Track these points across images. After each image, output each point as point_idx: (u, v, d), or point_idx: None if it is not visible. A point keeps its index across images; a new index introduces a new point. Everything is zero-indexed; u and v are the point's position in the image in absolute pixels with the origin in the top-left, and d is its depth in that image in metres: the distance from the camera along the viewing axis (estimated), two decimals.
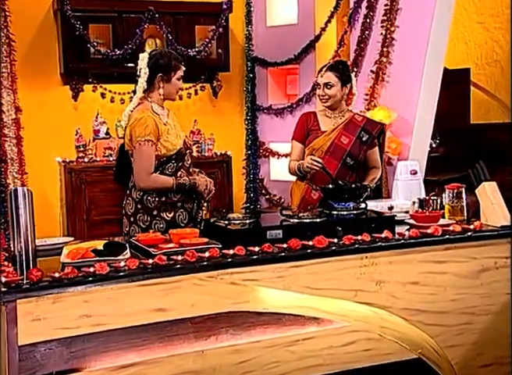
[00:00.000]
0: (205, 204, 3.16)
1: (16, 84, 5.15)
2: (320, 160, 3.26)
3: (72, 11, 4.97)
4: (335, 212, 2.83)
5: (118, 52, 5.10)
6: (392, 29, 5.06)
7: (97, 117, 5.24)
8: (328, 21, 5.44)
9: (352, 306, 2.49)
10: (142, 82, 3.04)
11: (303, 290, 2.38)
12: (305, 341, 2.43)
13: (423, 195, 3.21)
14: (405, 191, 3.19)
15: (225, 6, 5.42)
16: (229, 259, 2.28)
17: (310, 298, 2.42)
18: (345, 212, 2.85)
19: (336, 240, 2.45)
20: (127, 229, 3.09)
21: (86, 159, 5.13)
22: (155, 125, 3.00)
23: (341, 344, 2.49)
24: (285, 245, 2.36)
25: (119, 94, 5.37)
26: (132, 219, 3.07)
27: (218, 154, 5.48)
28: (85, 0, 5.05)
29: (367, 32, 5.19)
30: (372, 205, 3.09)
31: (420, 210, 2.92)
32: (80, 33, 5.00)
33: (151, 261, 2.16)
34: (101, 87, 5.35)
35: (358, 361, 2.52)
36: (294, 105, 5.67)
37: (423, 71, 4.93)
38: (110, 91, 5.35)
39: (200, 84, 5.69)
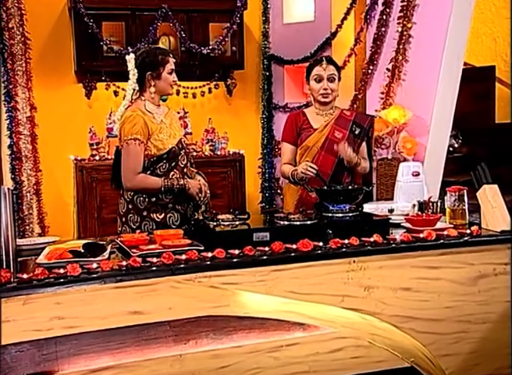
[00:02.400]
0: (203, 206, 3.08)
1: (31, 82, 5.19)
2: (314, 166, 3.18)
3: (86, 9, 4.98)
4: (329, 215, 2.75)
5: (131, 50, 5.07)
6: (409, 25, 4.92)
7: (110, 115, 5.24)
8: (345, 18, 5.34)
9: (340, 312, 2.40)
10: (131, 84, 3.00)
11: (286, 294, 2.30)
12: (289, 347, 2.36)
13: (426, 198, 3.11)
14: (407, 193, 3.09)
15: (239, 3, 5.36)
16: (208, 262, 2.22)
17: (295, 303, 2.34)
18: (340, 215, 2.76)
19: (321, 243, 2.36)
20: (120, 229, 3.05)
21: (97, 157, 5.13)
22: (144, 124, 2.94)
23: (328, 350, 2.41)
24: (266, 248, 2.29)
25: None
26: (124, 219, 3.04)
27: (231, 153, 5.43)
28: None
29: (383, 29, 5.07)
30: (372, 207, 3.01)
31: (419, 213, 2.83)
32: (93, 31, 5.00)
33: (124, 263, 2.11)
34: (114, 85, 5.35)
35: (346, 368, 2.44)
36: (310, 104, 5.56)
37: (440, 69, 4.80)
38: (123, 89, 5.31)
39: (215, 82, 5.64)
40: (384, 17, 5.06)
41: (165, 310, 2.17)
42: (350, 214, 2.77)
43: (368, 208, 3.00)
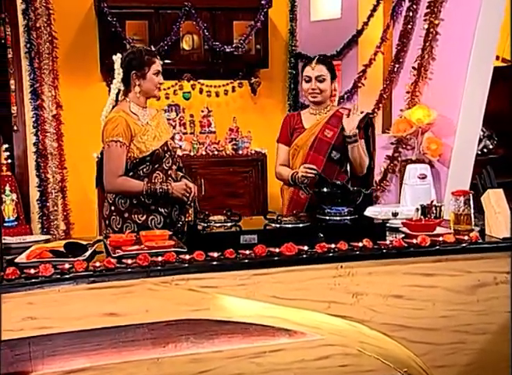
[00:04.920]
0: (191, 208, 3.03)
1: (58, 81, 5.27)
2: (314, 167, 3.09)
3: (109, 8, 5.01)
4: (326, 217, 2.67)
5: (153, 49, 5.08)
6: (436, 22, 4.78)
7: None
8: (371, 15, 5.22)
9: (327, 318, 2.32)
10: (116, 83, 2.98)
11: (268, 299, 2.24)
12: (273, 353, 2.29)
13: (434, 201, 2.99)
14: (412, 197, 2.97)
15: (264, 1, 5.30)
16: (186, 264, 2.17)
17: (279, 308, 2.28)
18: (338, 218, 2.68)
19: (306, 247, 2.29)
20: (104, 232, 3.01)
21: None
22: (127, 125, 2.90)
23: (314, 358, 2.33)
24: (247, 252, 2.23)
25: None
26: (107, 221, 3.01)
27: (253, 152, 5.37)
28: None
29: (409, 26, 4.94)
30: (376, 210, 2.92)
31: (421, 217, 2.73)
32: (117, 29, 5.03)
33: (98, 264, 2.08)
34: None
35: None
36: (335, 103, 5.47)
37: (468, 67, 4.63)
38: None
39: (238, 81, 5.60)
40: (410, 14, 4.93)
41: (141, 312, 2.14)
42: (348, 217, 2.69)
43: (371, 211, 2.91)
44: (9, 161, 4.83)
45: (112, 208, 3.00)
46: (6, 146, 4.83)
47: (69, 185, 5.34)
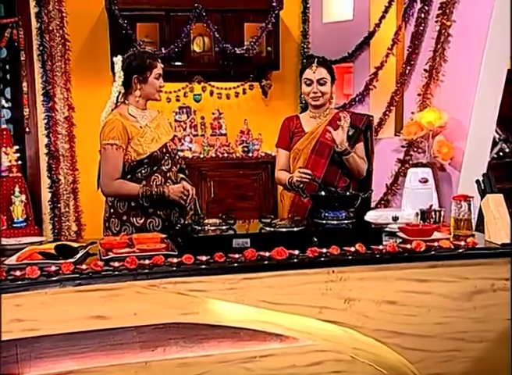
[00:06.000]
0: (190, 210, 3.02)
1: (70, 83, 5.31)
2: (309, 171, 3.06)
3: (120, 10, 5.03)
4: (323, 222, 2.64)
5: (164, 51, 5.10)
6: (448, 23, 4.71)
7: None
8: (383, 17, 5.16)
9: (319, 324, 2.29)
10: (116, 86, 2.97)
11: (258, 304, 2.21)
12: (264, 358, 2.27)
13: (436, 206, 2.94)
14: (413, 201, 2.92)
15: (275, 3, 5.28)
16: (173, 268, 2.16)
17: (270, 313, 2.25)
18: (335, 222, 2.65)
19: (296, 251, 2.26)
20: (104, 234, 3.02)
21: None
22: (123, 128, 2.89)
23: (306, 363, 2.31)
24: (237, 255, 2.21)
25: (166, 92, 5.37)
26: (106, 224, 3.01)
27: (263, 154, 5.35)
28: None
29: (421, 28, 4.88)
30: (376, 214, 2.87)
31: (421, 222, 2.68)
32: (127, 32, 5.05)
33: (84, 266, 2.08)
34: None
35: None
36: (347, 106, 5.43)
37: (481, 69, 4.56)
38: None
39: (249, 83, 5.58)
40: (422, 15, 4.87)
41: (129, 316, 2.13)
42: (346, 221, 2.65)
43: (371, 215, 2.87)
44: (19, 162, 4.87)
45: (111, 210, 3.00)
46: (16, 148, 4.86)
47: (81, 186, 5.38)
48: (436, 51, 4.74)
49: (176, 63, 5.15)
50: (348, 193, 2.83)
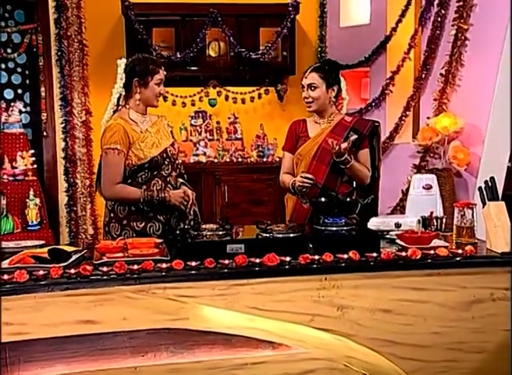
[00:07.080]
0: (190, 215, 3.00)
1: (88, 88, 5.36)
2: (310, 176, 3.02)
3: (136, 15, 5.07)
4: (322, 228, 2.61)
5: (179, 56, 5.11)
6: (465, 27, 4.66)
7: None
8: (399, 21, 5.10)
9: (311, 331, 2.26)
10: (117, 88, 2.97)
11: (248, 310, 2.19)
12: (255, 366, 2.25)
13: (441, 213, 2.89)
14: (417, 208, 2.87)
15: (291, 7, 5.26)
16: (163, 273, 2.15)
17: (261, 320, 2.23)
18: (335, 228, 2.61)
19: (288, 258, 2.23)
20: (104, 239, 3.02)
21: None
22: (125, 132, 2.89)
23: (298, 371, 2.28)
24: (226, 261, 2.19)
25: (181, 97, 5.40)
26: (107, 228, 3.01)
27: (278, 159, 5.32)
28: (148, 4, 5.11)
29: (437, 31, 4.82)
30: (379, 221, 2.83)
31: (422, 229, 2.64)
32: (143, 37, 5.08)
33: (73, 271, 2.09)
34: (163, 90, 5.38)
35: None
36: (363, 111, 5.38)
37: (498, 74, 4.48)
38: (172, 95, 5.39)
39: (265, 88, 5.57)
40: (439, 19, 4.82)
41: (119, 320, 2.12)
42: (345, 228, 2.62)
43: (374, 222, 2.83)
44: (35, 166, 4.93)
45: (111, 215, 3.00)
46: (32, 152, 4.93)
47: None
48: (453, 56, 4.69)
49: (192, 68, 5.17)
50: (348, 199, 2.79)
